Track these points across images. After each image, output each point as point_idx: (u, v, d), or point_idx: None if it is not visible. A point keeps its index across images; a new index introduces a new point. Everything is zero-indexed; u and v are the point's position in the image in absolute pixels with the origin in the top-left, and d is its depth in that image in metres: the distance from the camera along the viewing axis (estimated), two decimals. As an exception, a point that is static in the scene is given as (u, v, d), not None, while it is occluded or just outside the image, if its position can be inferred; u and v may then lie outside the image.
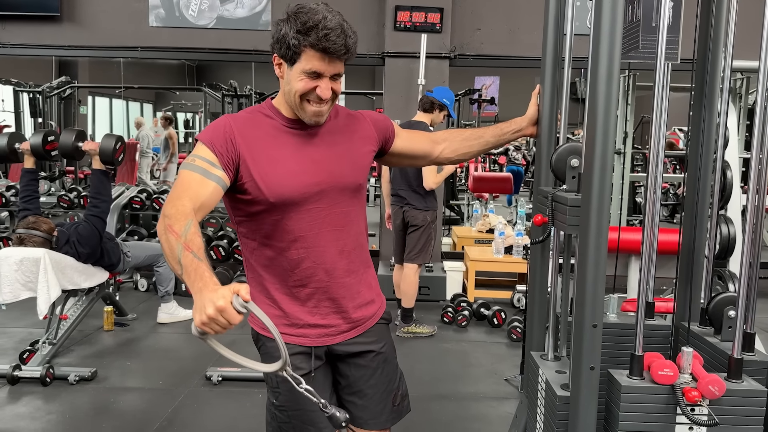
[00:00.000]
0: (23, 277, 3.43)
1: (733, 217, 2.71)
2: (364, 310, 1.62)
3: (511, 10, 5.72)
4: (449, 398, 3.34)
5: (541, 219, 1.67)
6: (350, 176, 1.54)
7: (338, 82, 1.46)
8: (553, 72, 1.78)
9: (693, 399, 1.34)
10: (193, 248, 1.26)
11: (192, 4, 5.74)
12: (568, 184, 1.59)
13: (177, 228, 1.28)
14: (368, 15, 5.71)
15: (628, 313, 1.86)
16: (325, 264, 1.52)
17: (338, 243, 1.54)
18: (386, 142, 1.66)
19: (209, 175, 1.40)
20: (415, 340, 4.24)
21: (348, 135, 1.57)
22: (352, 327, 1.59)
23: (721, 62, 1.70)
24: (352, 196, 1.55)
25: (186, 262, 1.23)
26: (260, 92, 7.56)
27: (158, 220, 1.36)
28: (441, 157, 1.78)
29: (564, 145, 1.64)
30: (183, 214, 1.32)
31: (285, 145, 1.48)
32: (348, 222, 1.55)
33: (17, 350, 3.74)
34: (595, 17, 1.38)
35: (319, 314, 1.54)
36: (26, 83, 8.10)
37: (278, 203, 1.46)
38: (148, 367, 3.75)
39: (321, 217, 1.50)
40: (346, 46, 1.41)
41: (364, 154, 1.60)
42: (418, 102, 5.24)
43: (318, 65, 1.41)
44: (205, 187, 1.39)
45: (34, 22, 5.81)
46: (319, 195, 1.49)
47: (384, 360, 1.66)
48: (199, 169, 1.40)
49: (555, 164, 1.63)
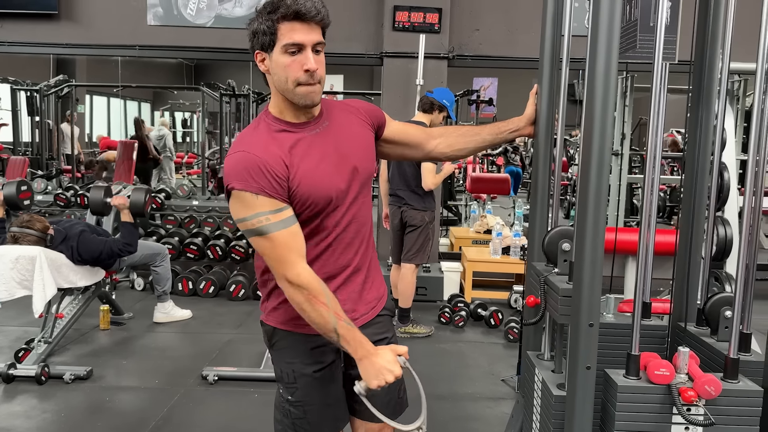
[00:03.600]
0: (19, 275, 3.42)
1: (731, 219, 2.72)
2: (375, 292, 1.66)
3: (509, 10, 5.73)
4: (446, 398, 3.34)
5: (533, 300, 1.68)
6: (370, 165, 1.58)
7: (322, 58, 1.43)
8: (550, 73, 1.78)
9: (689, 399, 1.34)
10: (342, 316, 1.42)
11: (190, 3, 5.74)
12: (559, 267, 1.62)
13: (323, 299, 1.40)
14: (367, 15, 5.71)
15: (625, 313, 1.86)
16: (350, 254, 1.55)
17: (360, 232, 1.57)
18: (378, 128, 1.66)
19: (287, 222, 1.41)
20: (412, 341, 4.24)
21: (352, 127, 1.57)
22: (368, 310, 1.63)
23: (718, 64, 1.70)
24: (368, 187, 1.60)
25: (343, 332, 1.41)
26: (258, 92, 7.54)
27: (284, 288, 1.42)
28: (436, 151, 1.77)
29: (555, 229, 1.66)
30: (315, 280, 1.42)
31: (310, 151, 1.46)
32: (365, 211, 1.59)
33: (12, 348, 3.73)
34: (593, 16, 1.37)
35: (345, 303, 1.53)
36: (24, 81, 8.08)
37: (324, 205, 1.47)
38: (143, 366, 3.75)
39: (350, 210, 1.53)
40: (316, 8, 1.38)
41: (370, 142, 1.61)
42: (416, 102, 5.26)
43: (296, 35, 1.38)
44: (296, 234, 1.43)
45: (31, 20, 5.80)
46: (348, 191, 1.51)
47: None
48: (278, 225, 1.39)
49: (547, 247, 1.65)
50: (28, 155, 7.95)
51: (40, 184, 5.99)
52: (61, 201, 5.63)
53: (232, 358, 3.84)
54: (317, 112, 1.51)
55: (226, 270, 5.39)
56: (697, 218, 1.74)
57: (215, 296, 5.16)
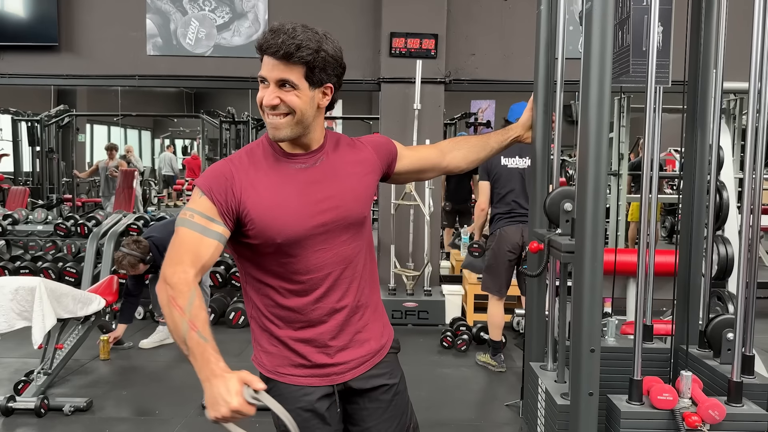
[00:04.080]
0: (18, 306, 3.40)
1: (731, 238, 2.71)
2: (374, 343, 1.57)
3: (504, 35, 5.79)
4: (448, 425, 3.29)
5: (536, 246, 1.66)
6: (355, 210, 1.50)
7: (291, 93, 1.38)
8: (545, 95, 1.79)
9: (693, 424, 1.32)
10: (198, 326, 1.27)
11: (189, 33, 5.80)
12: (561, 228, 1.60)
13: (181, 302, 1.28)
14: (364, 41, 5.78)
15: (627, 336, 1.85)
16: (333, 301, 1.48)
17: (346, 279, 1.49)
18: (389, 165, 1.64)
19: (209, 232, 1.36)
20: (418, 365, 4.20)
21: (350, 167, 1.53)
22: (362, 362, 1.54)
23: (712, 84, 1.71)
24: (357, 229, 1.52)
25: (192, 345, 1.25)
26: (257, 118, 7.60)
27: (158, 282, 1.35)
28: (452, 165, 1.77)
29: (557, 189, 1.65)
30: (186, 284, 1.31)
31: (288, 183, 1.44)
32: (355, 255, 1.51)
33: (12, 381, 3.69)
34: (585, 43, 1.39)
35: (326, 354, 1.49)
36: (25, 112, 8.14)
37: (285, 244, 1.41)
38: (144, 395, 3.71)
39: (328, 254, 1.46)
40: (281, 44, 1.33)
41: (367, 185, 1.56)
42: (414, 126, 5.29)
43: (262, 69, 1.38)
44: (206, 247, 1.35)
45: (32, 52, 5.86)
46: (325, 233, 1.45)
47: (397, 393, 1.60)
48: (198, 227, 1.36)
49: (548, 208, 1.64)
50: (29, 185, 7.99)
51: (40, 213, 6.00)
52: (62, 230, 5.63)
53: (232, 386, 3.79)
54: (315, 146, 1.48)
55: (227, 297, 5.37)
56: (696, 238, 1.74)
57: (215, 324, 5.12)
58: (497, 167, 3.89)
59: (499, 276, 3.93)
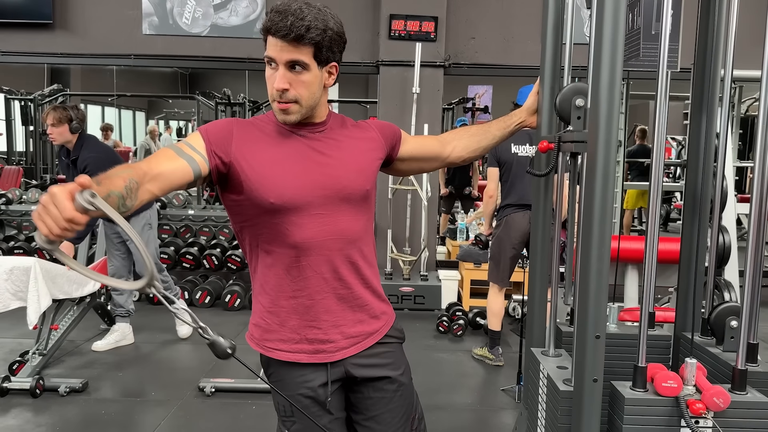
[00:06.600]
0: (13, 286, 3.38)
1: (728, 226, 2.71)
2: (368, 324, 1.54)
3: (505, 19, 5.73)
4: (445, 409, 3.30)
5: (546, 145, 1.62)
6: (356, 182, 1.48)
7: (300, 78, 1.37)
8: (552, 81, 1.76)
9: (697, 411, 1.32)
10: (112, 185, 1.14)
11: (186, 12, 5.72)
12: (573, 124, 1.55)
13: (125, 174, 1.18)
14: (363, 23, 5.71)
15: (626, 323, 1.85)
16: (328, 274, 1.46)
17: (342, 252, 1.47)
18: (393, 148, 1.62)
19: (182, 154, 1.34)
20: (415, 350, 4.20)
21: (354, 142, 1.53)
22: (355, 342, 1.52)
23: (720, 71, 1.69)
24: (358, 203, 1.49)
25: None
26: (254, 100, 7.53)
27: None
28: (453, 155, 1.74)
29: (568, 86, 1.60)
30: (136, 172, 1.21)
31: (289, 148, 1.44)
32: (354, 232, 1.49)
33: (7, 361, 3.68)
34: (597, 25, 1.36)
35: (317, 328, 1.47)
36: (18, 91, 8.04)
37: (279, 205, 1.39)
38: (139, 378, 3.70)
39: (325, 225, 1.44)
40: (291, 26, 1.31)
41: (371, 160, 1.54)
42: (413, 110, 5.25)
43: (269, 50, 1.36)
44: (172, 161, 1.32)
45: (26, 29, 5.77)
46: (323, 200, 1.43)
47: (402, 384, 1.59)
48: (175, 148, 1.36)
49: (560, 105, 1.58)
50: (22, 165, 7.91)
51: (34, 194, 5.95)
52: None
53: (228, 369, 3.79)
54: (318, 120, 1.48)
55: (222, 279, 5.36)
56: (700, 225, 1.73)
57: (211, 306, 5.12)
58: (507, 154, 3.78)
59: (503, 265, 3.90)
